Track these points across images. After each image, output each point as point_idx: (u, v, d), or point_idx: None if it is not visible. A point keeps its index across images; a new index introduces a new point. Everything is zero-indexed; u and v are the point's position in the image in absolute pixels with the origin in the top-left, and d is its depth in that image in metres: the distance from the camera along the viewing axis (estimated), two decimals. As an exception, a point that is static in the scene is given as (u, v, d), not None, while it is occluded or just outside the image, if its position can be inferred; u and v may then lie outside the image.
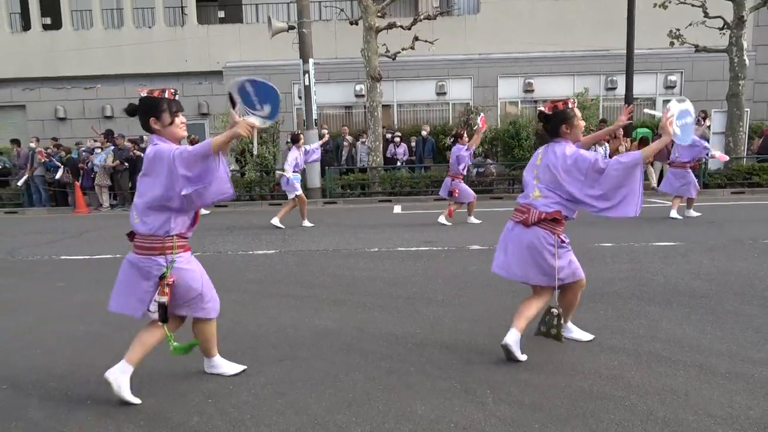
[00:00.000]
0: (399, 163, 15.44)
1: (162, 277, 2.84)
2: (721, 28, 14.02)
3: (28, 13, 18.82)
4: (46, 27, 19.03)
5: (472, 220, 9.46)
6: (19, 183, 14.72)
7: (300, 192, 9.51)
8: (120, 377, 2.86)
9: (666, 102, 17.07)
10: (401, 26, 14.49)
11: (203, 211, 11.23)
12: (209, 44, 18.43)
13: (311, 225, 9.58)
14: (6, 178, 15.79)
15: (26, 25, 19.08)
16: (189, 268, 2.96)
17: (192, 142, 10.48)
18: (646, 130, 14.89)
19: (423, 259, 6.38)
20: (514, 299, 4.56)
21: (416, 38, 14.69)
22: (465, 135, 9.23)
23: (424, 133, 15.70)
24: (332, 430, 2.52)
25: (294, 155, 9.44)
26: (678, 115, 3.09)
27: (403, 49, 14.95)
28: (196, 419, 2.66)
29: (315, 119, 14.10)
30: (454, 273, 5.61)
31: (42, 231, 10.23)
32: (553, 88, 17.54)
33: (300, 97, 15.62)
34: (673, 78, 17.71)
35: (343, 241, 7.81)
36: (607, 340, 3.57)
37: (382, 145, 15.08)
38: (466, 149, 9.07)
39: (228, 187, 2.91)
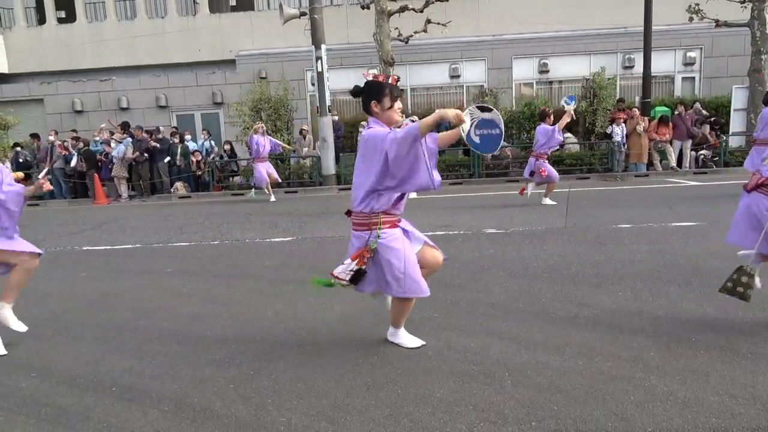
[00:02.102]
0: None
1: (366, 249, 2.98)
2: (743, 2, 13.65)
3: (42, 6, 18.98)
4: (60, 20, 19.19)
5: (548, 201, 9.12)
6: (40, 176, 14.95)
7: None
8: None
9: (684, 80, 16.62)
10: (413, 9, 14.35)
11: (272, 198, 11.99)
12: (222, 33, 18.44)
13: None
14: (27, 171, 16.06)
15: (41, 19, 19.26)
16: (393, 246, 3.02)
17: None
18: (665, 108, 14.61)
19: (439, 243, 6.30)
20: (531, 282, 4.56)
21: (428, 21, 14.55)
22: (552, 115, 9.00)
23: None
24: (352, 414, 2.55)
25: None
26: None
27: (415, 33, 14.83)
28: (218, 404, 2.71)
29: (328, 105, 14.08)
30: (471, 257, 5.60)
31: (63, 222, 10.42)
32: (569, 67, 17.29)
33: (313, 84, 15.59)
34: (692, 54, 17.32)
35: (359, 227, 7.82)
36: (626, 322, 3.55)
37: (396, 131, 15.01)
38: (556, 130, 8.72)
39: (427, 178, 2.84)
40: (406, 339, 3.35)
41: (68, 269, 6.18)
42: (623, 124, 13.79)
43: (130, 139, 14.70)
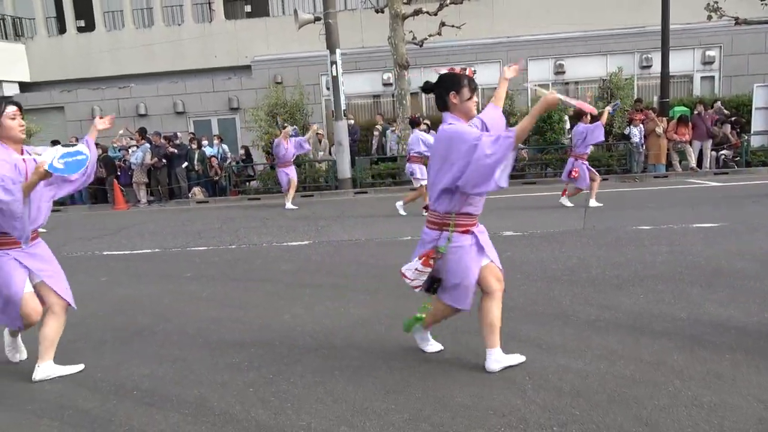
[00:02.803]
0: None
1: (434, 250, 2.90)
2: (763, -1, 13.42)
3: (63, 16, 19.33)
4: (80, 29, 19.51)
5: (566, 201, 8.93)
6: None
7: (425, 182, 8.94)
8: (500, 360, 2.98)
9: (703, 79, 16.34)
10: (427, 12, 14.34)
11: (288, 206, 11.31)
12: (237, 39, 18.59)
13: (404, 213, 9.14)
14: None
15: (62, 29, 19.61)
16: (459, 254, 2.90)
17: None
18: (683, 108, 14.41)
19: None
20: (549, 285, 4.51)
21: (443, 24, 14.52)
22: (589, 114, 8.89)
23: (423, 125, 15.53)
24: (371, 418, 2.54)
25: (416, 138, 9.10)
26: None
27: (429, 36, 14.80)
28: (238, 408, 2.72)
29: (343, 109, 14.12)
30: (488, 260, 5.55)
31: (84, 228, 10.57)
32: (585, 68, 17.12)
33: (328, 88, 15.65)
34: (711, 53, 17.05)
35: (376, 230, 7.83)
36: (648, 325, 3.49)
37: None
38: (599, 125, 8.53)
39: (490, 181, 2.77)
40: (429, 344, 3.31)
41: (89, 274, 6.26)
42: (641, 125, 13.62)
43: (148, 145, 14.88)
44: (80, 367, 3.34)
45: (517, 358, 3.04)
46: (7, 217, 2.97)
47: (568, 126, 14.47)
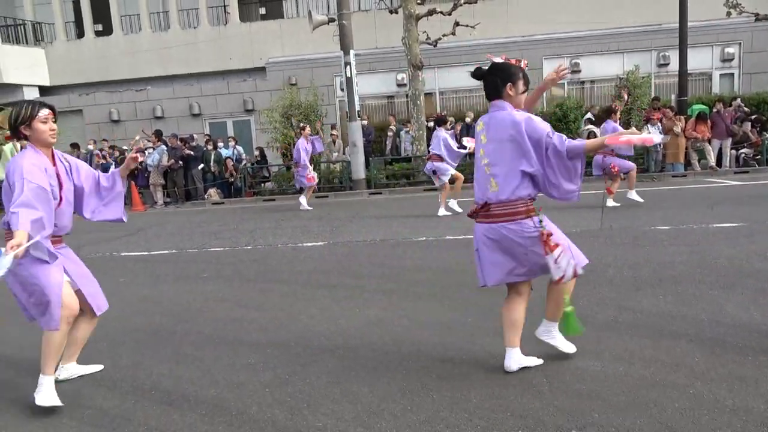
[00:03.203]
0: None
1: (543, 233, 2.83)
2: (784, -6, 13.18)
3: (81, 21, 19.61)
4: (98, 33, 19.78)
5: (635, 196, 8.64)
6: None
7: (446, 178, 9.03)
8: (519, 361, 2.94)
9: (723, 76, 16.10)
10: (441, 12, 14.30)
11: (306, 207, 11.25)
12: (252, 41, 18.71)
13: (448, 213, 8.99)
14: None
15: (80, 33, 19.89)
16: (552, 228, 2.92)
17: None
18: (702, 106, 14.20)
19: (472, 247, 6.31)
20: (567, 286, 4.46)
21: (457, 23, 14.47)
22: (618, 111, 8.74)
23: (468, 119, 15.48)
24: (387, 419, 2.54)
25: (438, 139, 8.99)
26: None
27: (443, 36, 14.76)
28: (254, 408, 2.73)
29: (357, 110, 14.14)
30: (504, 260, 5.52)
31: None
32: (601, 67, 16.97)
33: (342, 89, 15.67)
34: (730, 50, 16.79)
35: (391, 231, 7.83)
36: (667, 326, 3.44)
37: (425, 134, 14.98)
38: (617, 129, 8.37)
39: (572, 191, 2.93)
40: (558, 340, 3.09)
41: (108, 275, 6.32)
42: (659, 124, 13.45)
43: (164, 147, 15.04)
44: (99, 367, 3.36)
45: (535, 361, 3.00)
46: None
47: (583, 126, 14.35)
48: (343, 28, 13.74)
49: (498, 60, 3.02)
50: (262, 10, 20.20)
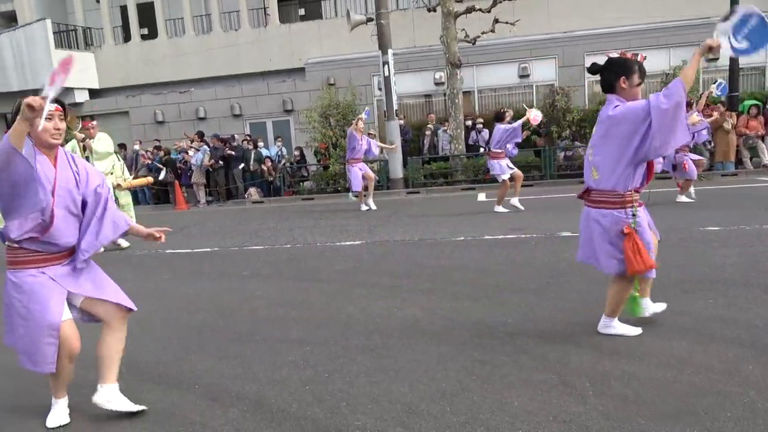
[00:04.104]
0: (482, 150, 15.14)
1: (628, 227, 3.08)
2: None
3: (128, 25, 20.26)
4: (144, 37, 20.40)
5: (683, 198, 8.54)
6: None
7: (507, 176, 8.87)
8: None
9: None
10: (480, 9, 14.14)
11: (364, 207, 10.72)
12: (291, 42, 18.94)
13: (504, 210, 8.88)
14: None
15: (127, 37, 20.55)
16: (642, 228, 3.18)
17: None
18: (755, 101, 13.60)
19: (511, 247, 6.23)
20: (611, 288, 4.34)
21: (496, 20, 14.28)
22: (692, 104, 8.61)
23: (507, 118, 15.26)
24: (427, 420, 2.52)
25: (497, 133, 8.92)
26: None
27: (482, 33, 14.60)
28: (295, 406, 2.76)
29: (395, 110, 14.14)
30: (546, 261, 5.42)
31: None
32: (647, 62, 16.11)
33: (380, 89, 15.69)
34: (786, 43, 16.02)
35: (428, 230, 7.79)
36: (718, 331, 3.30)
37: (463, 133, 14.85)
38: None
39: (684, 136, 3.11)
40: (622, 329, 3.33)
41: (153, 272, 6.52)
42: (705, 121, 12.94)
43: (207, 147, 15.40)
44: (143, 407, 2.81)
45: (634, 330, 3.28)
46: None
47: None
48: (381, 28, 13.75)
49: (614, 55, 3.16)
50: (302, 11, 20.42)
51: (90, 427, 2.76)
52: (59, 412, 2.79)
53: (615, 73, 3.10)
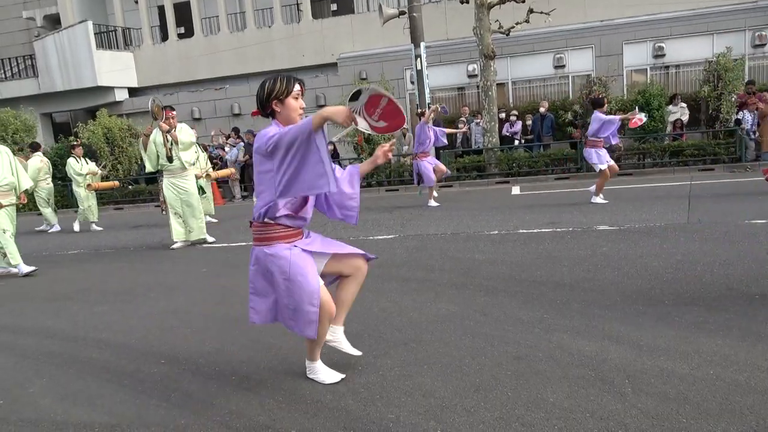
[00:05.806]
0: (516, 143, 14.95)
1: None
2: None
3: (165, 25, 20.73)
4: (180, 36, 20.84)
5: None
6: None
7: (604, 166, 8.56)
8: None
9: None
10: (514, 0, 13.93)
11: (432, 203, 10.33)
12: (323, 37, 19.05)
13: (603, 202, 8.63)
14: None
15: (164, 36, 21.04)
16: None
17: None
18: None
19: (546, 241, 6.14)
20: (650, 283, 4.24)
21: (531, 10, 14.04)
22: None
23: (542, 109, 15.02)
24: (461, 414, 2.51)
25: (595, 120, 8.50)
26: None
27: (517, 24, 14.37)
28: (329, 397, 2.79)
29: (428, 103, 14.06)
30: (582, 255, 5.32)
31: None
32: (688, 50, 15.89)
33: (412, 82, 15.64)
34: (839, 26, 15.26)
35: (462, 224, 7.74)
36: (764, 329, 3.18)
37: (497, 126, 14.67)
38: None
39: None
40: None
41: (191, 265, 6.68)
42: (754, 110, 12.46)
43: (242, 143, 15.64)
44: (359, 353, 3.11)
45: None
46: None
47: (667, 118, 13.62)
48: (413, 21, 13.69)
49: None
50: (334, 7, 20.50)
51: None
52: (327, 370, 2.98)
53: None
